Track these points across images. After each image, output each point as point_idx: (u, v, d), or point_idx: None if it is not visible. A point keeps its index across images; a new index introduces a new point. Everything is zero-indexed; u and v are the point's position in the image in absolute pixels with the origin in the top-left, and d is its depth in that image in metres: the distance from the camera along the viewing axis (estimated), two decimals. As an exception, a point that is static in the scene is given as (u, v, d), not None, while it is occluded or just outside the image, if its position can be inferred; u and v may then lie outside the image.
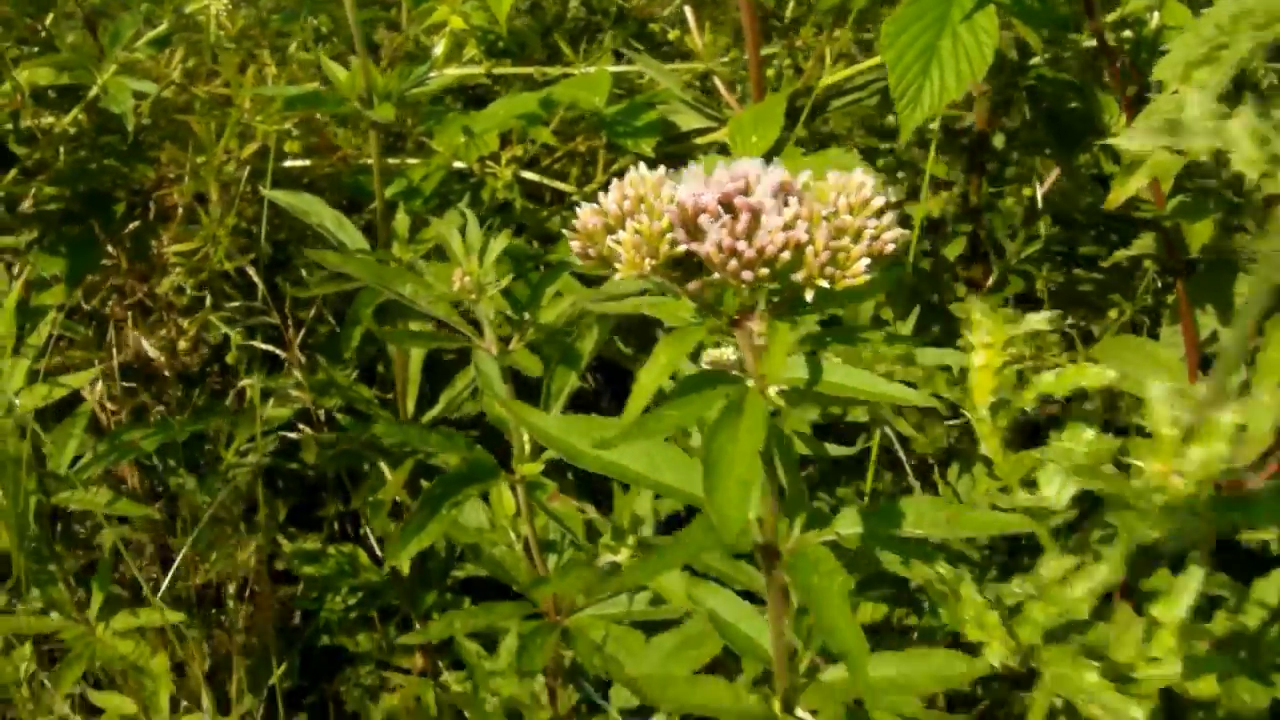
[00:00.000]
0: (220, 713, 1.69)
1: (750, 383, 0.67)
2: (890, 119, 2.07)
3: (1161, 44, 1.48)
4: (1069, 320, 1.89)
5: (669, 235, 0.60)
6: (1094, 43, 1.68)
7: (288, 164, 2.04)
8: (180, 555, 1.67)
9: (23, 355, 1.29)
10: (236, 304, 1.66)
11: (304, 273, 1.76)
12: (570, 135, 2.16)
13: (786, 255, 0.58)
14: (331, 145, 2.06)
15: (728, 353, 0.80)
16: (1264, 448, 1.42)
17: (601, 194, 0.63)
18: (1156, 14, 1.47)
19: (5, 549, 1.40)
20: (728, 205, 0.60)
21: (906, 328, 1.55)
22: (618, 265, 0.60)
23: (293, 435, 1.89)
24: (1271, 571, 1.61)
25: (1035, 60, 1.83)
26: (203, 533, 1.99)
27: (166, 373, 1.53)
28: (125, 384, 1.70)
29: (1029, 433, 1.88)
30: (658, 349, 0.64)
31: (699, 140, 1.87)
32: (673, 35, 2.00)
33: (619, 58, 2.26)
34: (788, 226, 0.58)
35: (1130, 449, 0.61)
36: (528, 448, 1.32)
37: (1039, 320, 0.67)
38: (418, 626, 1.96)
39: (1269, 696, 1.58)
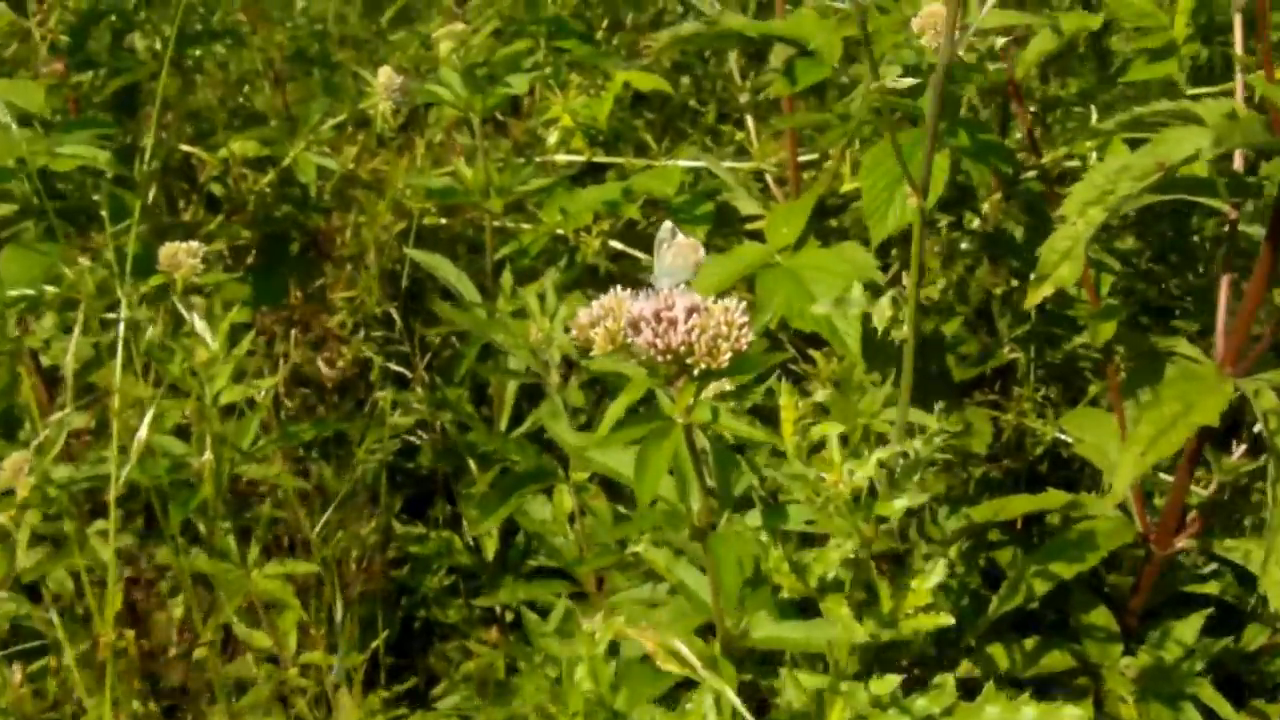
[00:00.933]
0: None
1: (677, 418, 1.12)
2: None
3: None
4: (1042, 392, 2.27)
5: (622, 332, 1.05)
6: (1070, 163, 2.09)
7: (429, 220, 2.57)
8: (319, 525, 2.17)
9: (228, 363, 1.81)
10: (380, 334, 2.17)
11: (434, 306, 2.27)
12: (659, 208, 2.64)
13: (683, 349, 1.03)
14: (465, 207, 2.59)
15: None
16: (1120, 500, 1.81)
17: (590, 305, 1.09)
18: (1095, 154, 1.87)
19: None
20: (657, 316, 1.05)
21: (886, 387, 1.96)
22: (594, 348, 1.06)
23: (413, 439, 2.40)
24: (1190, 615, 1.96)
25: (1029, 174, 2.23)
26: (334, 512, 2.51)
27: (328, 385, 2.03)
28: (299, 388, 2.23)
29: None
30: (622, 393, 1.10)
31: (748, 226, 2.33)
32: (739, 137, 2.46)
33: (708, 145, 2.74)
34: (689, 332, 1.03)
35: (817, 465, 1.04)
36: (580, 459, 1.79)
37: (818, 396, 1.09)
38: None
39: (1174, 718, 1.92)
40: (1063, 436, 2.24)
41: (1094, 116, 1.87)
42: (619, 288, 1.10)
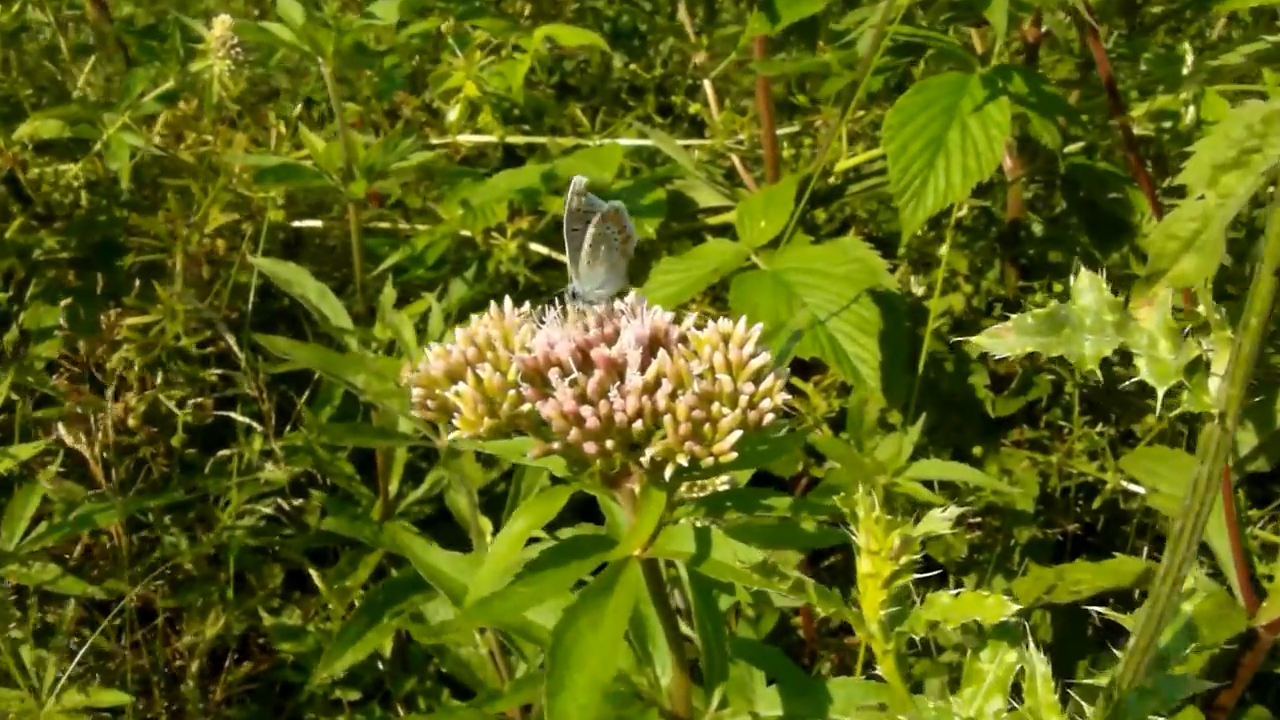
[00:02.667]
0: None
1: (634, 551, 0.58)
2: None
3: (1197, 139, 1.37)
4: (1098, 427, 1.76)
5: (513, 391, 0.52)
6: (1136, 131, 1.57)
7: (297, 224, 2.00)
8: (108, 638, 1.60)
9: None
10: (218, 372, 1.60)
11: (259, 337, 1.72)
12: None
13: (639, 426, 0.49)
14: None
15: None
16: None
17: (453, 338, 0.54)
18: (1192, 108, 1.36)
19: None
20: (584, 357, 0.51)
21: (914, 433, 1.44)
22: (455, 422, 0.52)
23: (267, 507, 1.84)
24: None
25: (1072, 147, 1.72)
26: (189, 596, 1.95)
27: (106, 454, 1.46)
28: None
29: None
30: (518, 512, 0.55)
31: (711, 220, 1.79)
32: (694, 108, 1.93)
33: (650, 121, 2.21)
34: (648, 389, 0.49)
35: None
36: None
37: (936, 521, 0.56)
38: (400, 710, 1.93)
39: None
40: (1127, 485, 1.73)
41: (1189, 58, 1.36)
42: (508, 302, 0.55)
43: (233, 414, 1.59)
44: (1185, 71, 1.37)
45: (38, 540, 1.36)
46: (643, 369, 0.50)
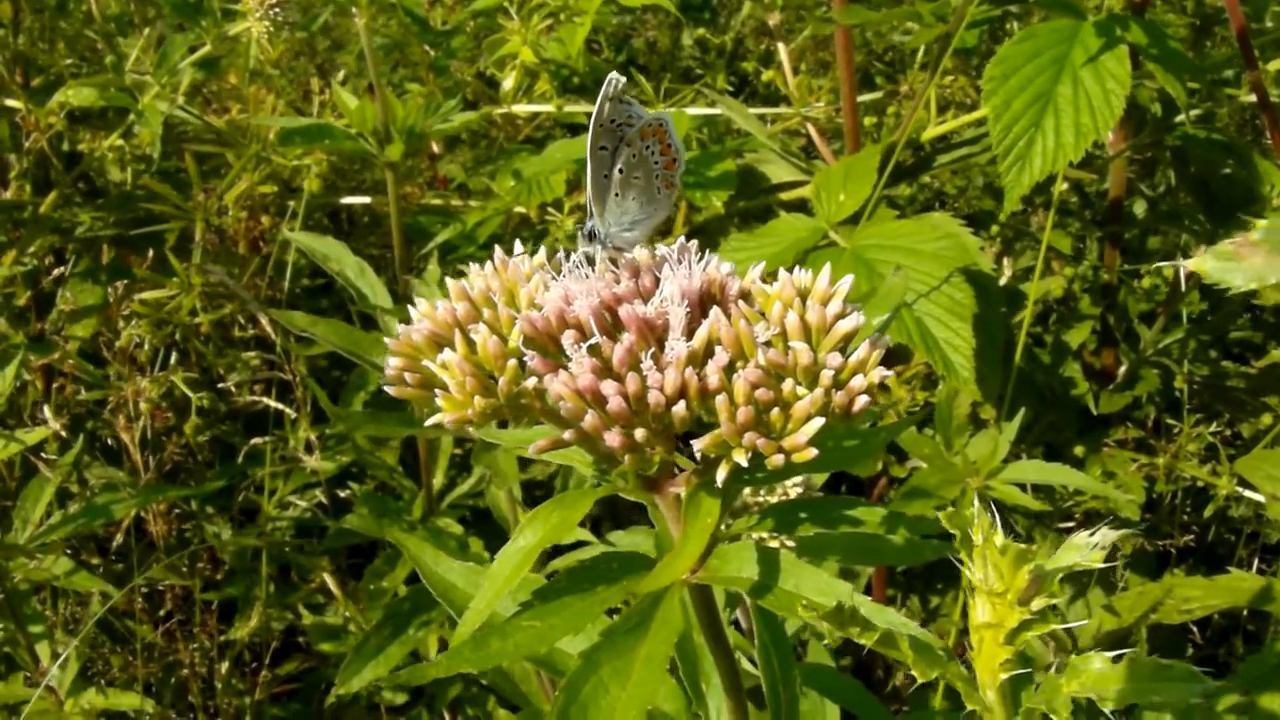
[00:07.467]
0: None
1: (677, 577, 0.44)
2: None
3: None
4: (1212, 426, 1.59)
5: (513, 360, 0.39)
6: (1252, 97, 1.40)
7: (345, 200, 1.90)
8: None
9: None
10: (253, 355, 1.49)
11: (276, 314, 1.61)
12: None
13: (682, 410, 0.36)
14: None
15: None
16: None
17: (446, 290, 0.41)
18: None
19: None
20: (611, 317, 0.38)
21: (1010, 430, 1.29)
22: (440, 402, 0.39)
23: (305, 500, 1.74)
24: None
25: (1182, 117, 1.55)
26: (231, 589, 1.88)
27: (124, 436, 1.36)
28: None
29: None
30: (525, 521, 0.43)
31: (784, 195, 1.65)
32: (766, 76, 1.78)
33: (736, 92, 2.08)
34: (695, 360, 0.36)
35: None
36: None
37: (1082, 551, 0.41)
38: (445, 716, 1.85)
39: None
40: (1243, 491, 1.56)
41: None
42: (518, 247, 0.42)
43: (267, 400, 1.48)
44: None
45: (50, 532, 1.27)
46: (689, 333, 0.37)
